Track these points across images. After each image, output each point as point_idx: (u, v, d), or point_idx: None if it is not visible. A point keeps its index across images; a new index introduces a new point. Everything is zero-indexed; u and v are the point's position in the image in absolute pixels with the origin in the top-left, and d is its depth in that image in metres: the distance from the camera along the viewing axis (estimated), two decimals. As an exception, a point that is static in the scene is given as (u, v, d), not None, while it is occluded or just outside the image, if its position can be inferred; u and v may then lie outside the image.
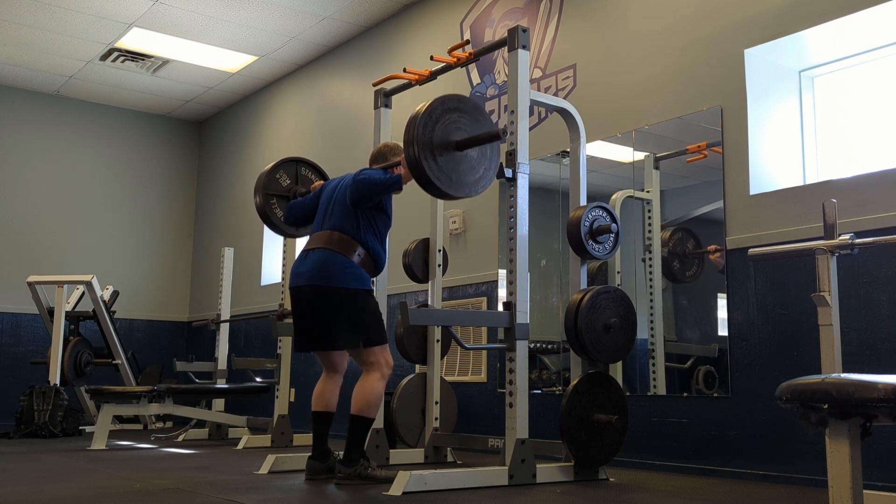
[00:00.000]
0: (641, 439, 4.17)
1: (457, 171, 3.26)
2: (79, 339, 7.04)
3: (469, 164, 3.31)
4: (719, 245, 4.05)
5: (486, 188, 3.41)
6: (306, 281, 3.50)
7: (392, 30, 6.60)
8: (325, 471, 3.56)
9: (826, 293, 2.71)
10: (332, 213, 3.61)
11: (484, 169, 3.36)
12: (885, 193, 3.42)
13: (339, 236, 3.53)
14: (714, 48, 4.17)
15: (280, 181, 4.22)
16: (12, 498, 2.98)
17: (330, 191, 3.73)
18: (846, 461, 1.81)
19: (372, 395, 3.47)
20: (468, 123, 3.33)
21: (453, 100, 3.33)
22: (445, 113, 3.27)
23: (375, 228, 3.60)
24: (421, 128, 3.18)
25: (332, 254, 3.50)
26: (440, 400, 4.41)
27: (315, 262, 3.51)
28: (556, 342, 4.87)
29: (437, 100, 3.28)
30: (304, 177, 4.30)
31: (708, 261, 4.17)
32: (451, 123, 3.27)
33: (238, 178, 8.60)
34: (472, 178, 3.32)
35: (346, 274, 3.47)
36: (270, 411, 5.80)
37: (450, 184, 3.24)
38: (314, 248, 3.56)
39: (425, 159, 3.17)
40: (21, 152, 8.30)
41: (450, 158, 3.25)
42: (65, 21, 6.74)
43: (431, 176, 3.19)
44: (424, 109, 3.22)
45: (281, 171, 4.24)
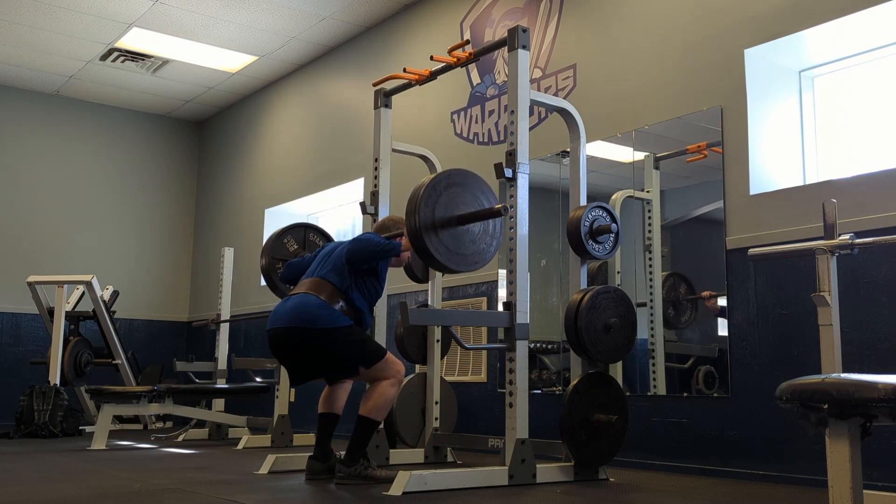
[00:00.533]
0: (641, 439, 4.17)
1: (457, 245, 3.27)
2: (79, 339, 7.04)
3: (470, 239, 3.32)
4: (714, 290, 4.07)
5: (485, 264, 3.40)
6: (284, 323, 3.43)
7: (392, 30, 6.60)
8: (326, 471, 3.56)
9: (826, 293, 2.71)
10: (324, 266, 3.58)
11: (485, 245, 3.36)
12: (885, 193, 3.42)
13: (324, 284, 3.48)
14: (714, 48, 4.17)
15: (287, 246, 4.23)
16: (12, 498, 2.98)
17: (329, 250, 3.71)
18: (846, 461, 1.81)
19: (382, 399, 3.46)
20: (471, 198, 3.34)
21: (458, 174, 3.35)
22: (449, 187, 3.28)
23: (364, 290, 3.56)
24: (424, 200, 3.19)
25: (312, 297, 3.44)
26: (440, 400, 4.41)
27: (295, 304, 3.44)
28: (556, 342, 4.88)
29: (442, 173, 3.31)
30: (311, 242, 4.31)
31: (703, 306, 4.18)
32: (454, 197, 3.28)
33: (238, 178, 8.60)
34: (471, 252, 3.32)
35: (323, 314, 3.39)
36: (270, 411, 5.80)
37: (448, 257, 3.24)
38: (297, 293, 3.52)
39: (426, 231, 3.18)
40: (21, 152, 8.30)
41: (451, 232, 3.26)
42: (65, 21, 6.74)
43: (431, 248, 3.19)
44: (428, 182, 3.23)
45: (289, 235, 4.25)
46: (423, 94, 5.80)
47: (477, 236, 3.34)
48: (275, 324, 3.48)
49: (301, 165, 7.58)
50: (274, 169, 8.00)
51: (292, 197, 7.67)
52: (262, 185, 8.15)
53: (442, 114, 5.88)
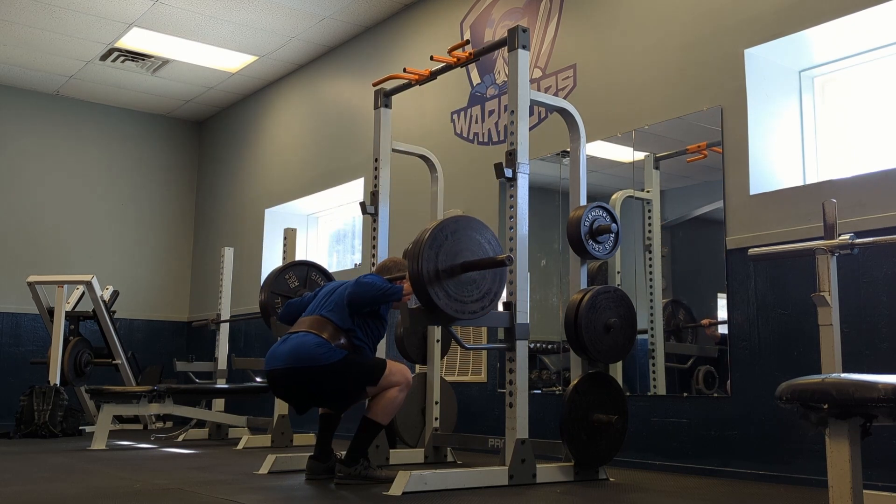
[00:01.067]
0: (641, 439, 4.17)
1: (459, 292, 3.23)
2: (79, 339, 7.04)
3: (474, 287, 3.28)
4: (713, 318, 4.07)
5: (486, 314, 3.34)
6: (282, 364, 3.38)
7: (392, 30, 6.60)
8: (325, 471, 3.56)
9: (826, 293, 2.71)
10: (326, 304, 3.54)
11: (484, 290, 3.31)
12: (885, 193, 3.42)
13: (325, 323, 3.44)
14: (714, 48, 4.17)
15: (289, 282, 4.22)
16: (12, 498, 2.98)
17: (330, 289, 3.66)
18: (846, 461, 1.81)
19: (390, 404, 3.44)
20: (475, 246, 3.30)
21: (462, 220, 3.32)
22: (454, 233, 3.25)
23: (366, 330, 3.52)
24: (427, 247, 3.16)
25: (312, 336, 3.39)
26: (440, 400, 4.41)
27: (293, 345, 3.38)
28: (556, 342, 4.87)
29: (447, 219, 3.28)
30: (312, 281, 4.30)
31: (703, 333, 4.17)
32: (458, 243, 3.24)
33: (238, 178, 8.60)
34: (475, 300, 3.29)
35: (322, 351, 3.34)
36: (270, 411, 5.80)
37: (448, 304, 3.19)
38: (296, 332, 3.46)
39: (430, 282, 3.14)
40: (21, 152, 8.30)
41: (454, 281, 3.22)
42: (65, 21, 6.74)
43: (434, 296, 3.15)
44: (432, 228, 3.20)
45: (291, 272, 4.24)
46: (423, 94, 5.81)
47: (480, 284, 3.30)
48: (273, 364, 3.41)
49: (301, 165, 7.58)
50: (274, 169, 8.00)
51: (292, 197, 7.67)
52: (262, 185, 8.15)
53: (442, 114, 5.88)
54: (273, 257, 7.80)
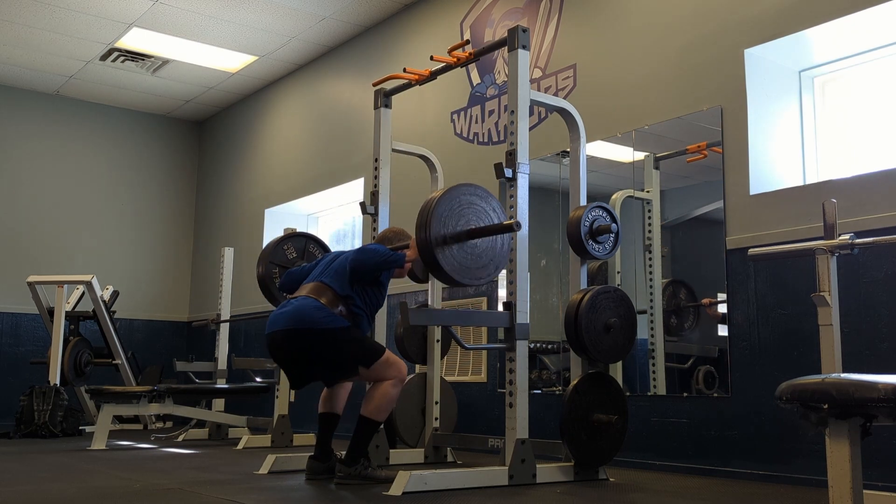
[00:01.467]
0: (641, 439, 4.17)
1: (465, 259, 3.28)
2: (79, 339, 7.04)
3: (478, 253, 3.32)
4: (713, 297, 4.06)
5: (491, 279, 3.40)
6: (282, 326, 3.41)
7: (392, 30, 6.60)
8: (326, 471, 3.56)
9: (826, 293, 2.71)
10: (327, 272, 3.57)
11: (490, 259, 3.35)
12: (885, 193, 3.42)
13: (325, 289, 3.48)
14: (714, 48, 4.17)
15: (287, 253, 4.23)
16: (12, 498, 2.98)
17: (331, 258, 3.70)
18: (846, 461, 1.81)
19: (384, 400, 3.45)
20: (482, 213, 3.34)
21: (468, 188, 3.35)
22: (460, 201, 3.28)
23: (365, 298, 3.55)
24: (435, 213, 3.20)
25: (312, 300, 3.44)
26: (440, 400, 4.41)
27: (294, 308, 3.43)
28: (556, 342, 4.87)
29: (454, 187, 3.31)
30: (310, 253, 4.31)
31: (704, 312, 4.17)
32: (465, 211, 3.28)
33: (238, 178, 8.60)
34: (478, 266, 3.33)
35: (321, 315, 3.39)
36: (270, 411, 5.80)
37: (454, 269, 3.24)
38: (297, 297, 3.51)
39: (436, 244, 3.19)
40: (21, 152, 8.30)
41: (460, 246, 3.27)
42: (65, 21, 6.74)
43: (441, 261, 3.19)
44: (440, 195, 3.24)
45: (289, 243, 4.26)
46: (423, 94, 5.81)
47: (485, 251, 3.34)
48: (273, 328, 3.45)
49: (301, 165, 7.58)
50: (274, 169, 8.00)
51: (292, 197, 7.67)
52: (262, 185, 8.15)
53: (442, 114, 5.88)
54: (273, 257, 7.80)
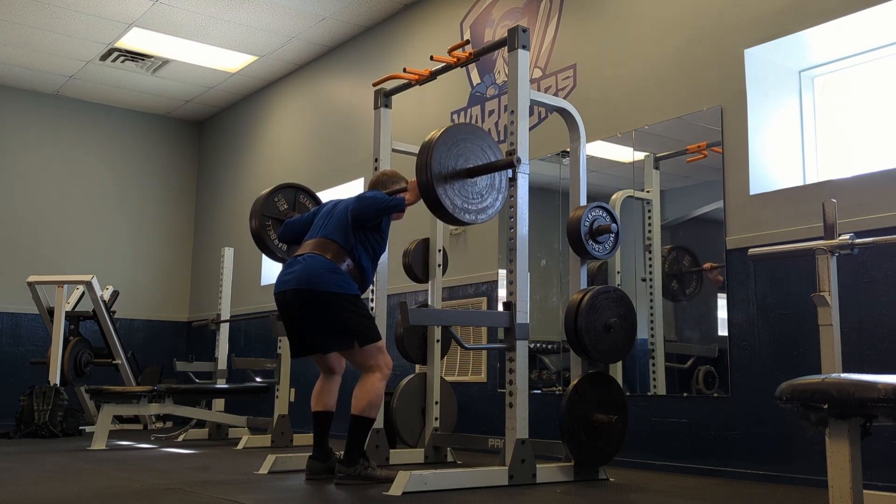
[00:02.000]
0: (641, 439, 4.17)
1: (466, 197, 3.33)
2: (79, 339, 7.04)
3: (477, 191, 3.37)
4: (715, 262, 4.06)
5: (493, 216, 3.45)
6: (292, 285, 3.44)
7: (392, 30, 6.60)
8: (326, 471, 3.55)
9: (826, 293, 2.71)
10: (328, 225, 3.59)
11: (492, 199, 3.42)
12: (885, 193, 3.42)
13: (328, 243, 3.50)
14: (714, 48, 4.17)
15: (278, 205, 4.23)
16: (12, 498, 2.98)
17: (329, 208, 3.71)
18: (846, 461, 1.81)
19: (373, 396, 3.44)
20: (478, 152, 3.39)
21: (466, 128, 3.39)
22: (458, 140, 3.32)
23: (368, 245, 3.58)
24: (435, 153, 3.23)
25: (320, 258, 3.46)
26: (440, 400, 4.41)
27: (302, 267, 3.45)
28: (556, 342, 4.87)
29: (451, 127, 3.34)
30: (301, 204, 4.31)
31: (706, 277, 4.17)
32: (463, 150, 3.33)
33: (238, 178, 8.60)
34: (481, 206, 3.38)
35: (332, 277, 3.42)
36: (270, 411, 5.80)
37: (456, 209, 3.29)
38: (303, 254, 3.53)
39: (438, 184, 3.23)
40: (21, 152, 8.30)
41: (461, 185, 3.32)
42: (65, 21, 6.74)
43: (443, 200, 3.24)
44: (439, 136, 3.27)
45: (279, 195, 4.25)
46: (423, 94, 5.80)
47: (485, 189, 3.40)
48: (283, 287, 3.48)
49: (301, 165, 7.58)
50: (274, 169, 8.00)
51: (292, 197, 7.66)
52: (262, 185, 8.09)
53: (442, 114, 5.88)
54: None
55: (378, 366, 3.47)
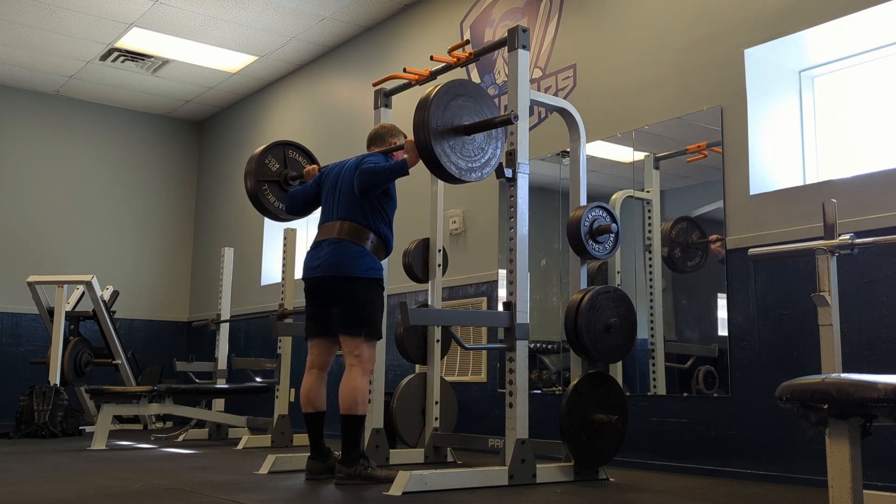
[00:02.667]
0: (641, 439, 4.17)
1: (466, 155, 3.31)
2: (79, 339, 7.04)
3: (477, 147, 3.35)
4: (721, 235, 4.07)
5: (493, 169, 3.43)
6: (321, 272, 3.53)
7: (392, 30, 6.60)
8: (326, 470, 3.55)
9: (826, 293, 2.71)
10: (339, 202, 3.64)
11: (492, 150, 3.41)
12: (885, 193, 3.42)
13: (349, 226, 3.56)
14: (714, 48, 4.17)
15: (269, 166, 4.23)
16: (12, 498, 2.98)
17: (333, 178, 3.75)
18: (846, 461, 1.81)
19: (358, 393, 3.45)
20: (474, 108, 3.36)
21: (459, 84, 3.36)
22: (453, 98, 3.30)
23: (383, 213, 3.64)
24: (431, 112, 3.20)
25: (345, 243, 3.53)
26: (440, 400, 4.41)
27: (329, 253, 3.53)
28: (556, 342, 4.87)
29: (445, 84, 3.30)
30: (291, 159, 4.31)
31: (711, 252, 4.17)
32: (458, 108, 3.30)
33: (238, 178, 8.59)
34: (481, 162, 3.37)
35: (361, 263, 3.51)
36: (270, 411, 5.80)
37: (458, 169, 3.28)
38: (326, 240, 3.59)
39: (437, 143, 3.20)
40: (21, 152, 8.30)
41: (458, 142, 3.29)
42: (65, 21, 6.74)
43: (443, 160, 3.22)
44: (434, 94, 3.24)
45: (269, 155, 4.24)
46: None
47: (483, 143, 3.38)
48: (312, 273, 3.57)
49: (301, 165, 7.57)
50: (274, 169, 8.00)
51: (292, 197, 7.65)
52: (262, 185, 8.14)
53: (442, 114, 5.87)
54: (273, 257, 7.81)
55: (363, 359, 3.49)
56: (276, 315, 5.55)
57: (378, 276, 3.57)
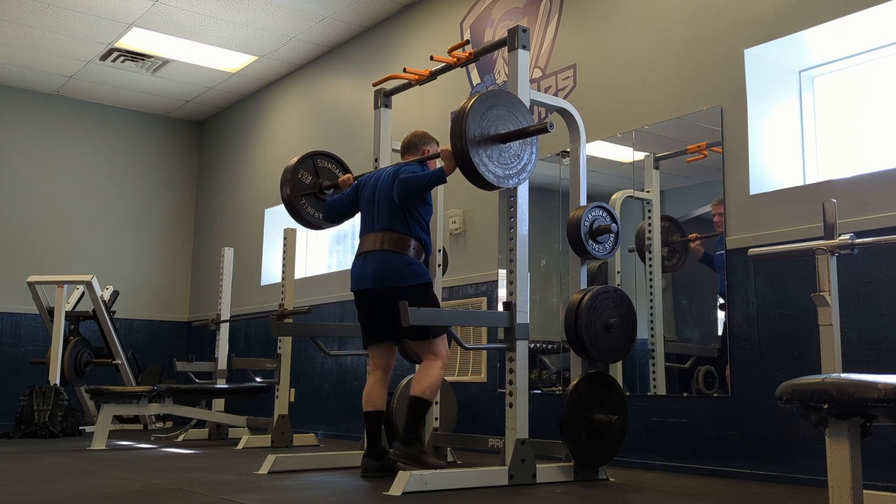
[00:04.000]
0: (641, 439, 4.17)
1: (503, 162, 3.35)
2: (79, 339, 7.04)
3: (513, 154, 3.40)
4: (700, 233, 4.12)
5: (530, 174, 3.46)
6: (371, 284, 3.62)
7: (392, 30, 6.60)
8: (380, 468, 3.59)
9: (826, 293, 2.71)
10: (378, 212, 3.72)
11: (528, 156, 3.44)
12: (885, 193, 3.42)
13: (392, 236, 3.64)
14: (714, 48, 4.17)
15: (302, 179, 4.28)
16: (12, 498, 2.98)
17: (371, 188, 3.81)
18: (846, 461, 1.81)
19: (434, 381, 3.60)
20: (509, 116, 3.40)
21: (494, 94, 3.40)
22: (489, 108, 3.34)
23: (421, 219, 3.71)
24: (468, 122, 3.25)
25: (391, 254, 3.61)
26: (440, 400, 4.41)
27: (377, 265, 3.62)
28: (556, 342, 4.87)
29: (481, 95, 3.35)
30: (322, 168, 4.35)
31: (690, 250, 4.24)
32: (494, 118, 3.35)
33: (238, 178, 8.60)
34: (518, 168, 3.40)
35: (409, 272, 3.59)
36: (270, 411, 5.80)
37: (496, 176, 3.32)
38: (371, 251, 3.66)
39: (475, 152, 3.25)
40: (21, 152, 8.30)
41: (495, 150, 3.33)
42: (65, 21, 6.74)
43: (480, 169, 3.26)
44: (471, 105, 3.29)
45: (301, 169, 4.31)
46: (423, 94, 5.80)
47: (518, 149, 3.41)
48: (360, 285, 3.68)
49: (301, 165, 7.57)
50: (274, 169, 8.00)
51: (292, 197, 7.65)
52: (262, 185, 8.15)
53: (442, 114, 5.87)
54: (273, 257, 7.81)
55: (440, 354, 3.66)
56: (276, 315, 5.55)
57: (427, 280, 3.65)
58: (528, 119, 3.45)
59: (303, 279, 6.93)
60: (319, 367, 6.79)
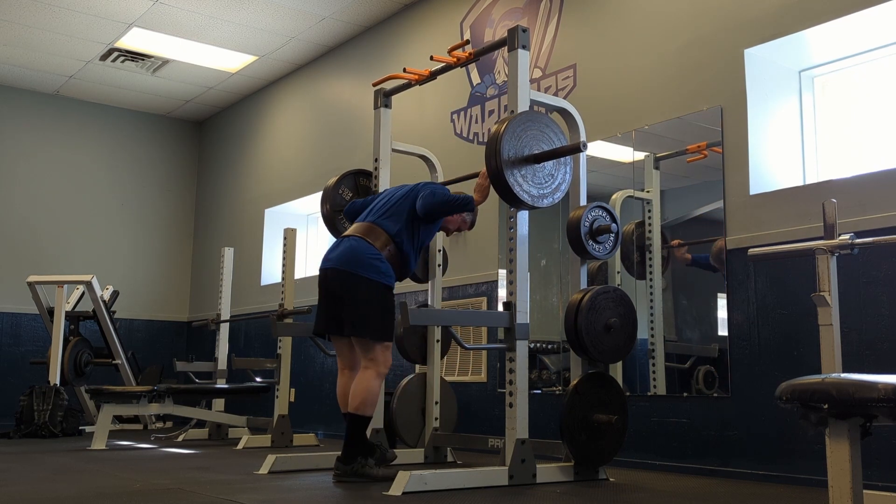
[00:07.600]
0: (641, 439, 4.17)
1: (537, 182, 3.38)
2: (79, 339, 7.04)
3: (547, 174, 3.42)
4: (683, 239, 4.11)
5: (564, 193, 3.49)
6: (333, 265, 3.55)
7: (392, 30, 6.60)
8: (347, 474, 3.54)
9: (826, 293, 2.71)
10: (379, 209, 3.69)
11: (562, 175, 3.46)
12: (885, 193, 3.42)
13: (375, 230, 3.59)
14: (714, 48, 4.17)
15: (343, 195, 4.32)
16: (12, 498, 2.98)
17: (389, 194, 3.78)
18: (846, 461, 1.81)
19: (368, 394, 3.46)
20: (542, 136, 3.43)
21: (527, 116, 3.43)
22: (523, 130, 3.37)
23: (415, 235, 3.65)
24: (503, 143, 3.28)
25: (364, 243, 3.55)
26: (440, 400, 4.41)
27: (345, 249, 3.56)
28: (556, 342, 4.87)
29: (515, 117, 3.38)
30: (362, 186, 4.40)
31: (674, 255, 4.23)
32: (528, 138, 3.37)
33: (238, 178, 8.60)
34: (552, 187, 3.43)
35: (373, 266, 3.50)
36: (270, 411, 5.80)
37: (531, 196, 3.34)
38: (348, 236, 3.63)
39: (509, 173, 3.27)
40: (21, 152, 8.30)
41: (529, 171, 3.36)
42: (65, 21, 6.74)
43: (515, 189, 3.28)
44: (505, 127, 3.31)
45: (342, 186, 4.34)
46: (423, 94, 5.81)
47: (553, 168, 3.44)
48: (326, 265, 3.60)
49: (301, 165, 7.58)
50: (274, 169, 8.00)
51: (292, 197, 7.67)
52: (262, 185, 8.15)
53: (442, 114, 5.88)
54: (273, 257, 7.81)
55: (377, 362, 3.50)
56: (276, 315, 5.55)
57: (389, 284, 3.55)
58: (561, 139, 3.47)
59: (303, 279, 6.93)
60: (319, 367, 6.79)
